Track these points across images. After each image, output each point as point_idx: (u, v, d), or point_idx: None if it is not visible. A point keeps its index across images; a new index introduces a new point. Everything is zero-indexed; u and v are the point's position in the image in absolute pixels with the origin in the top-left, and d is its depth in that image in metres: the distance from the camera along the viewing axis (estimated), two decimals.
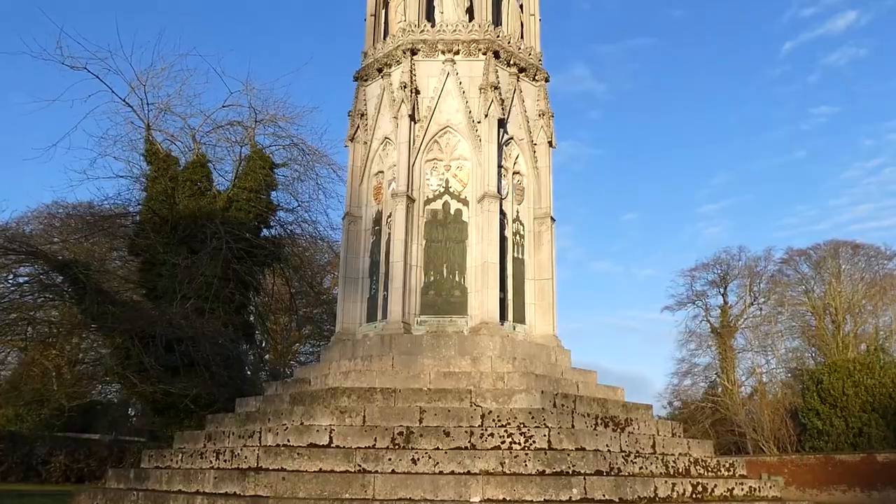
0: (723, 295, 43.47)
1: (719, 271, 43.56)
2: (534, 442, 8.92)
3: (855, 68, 74.16)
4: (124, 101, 19.60)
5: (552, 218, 12.98)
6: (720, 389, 41.73)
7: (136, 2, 65.49)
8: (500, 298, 11.99)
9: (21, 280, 16.92)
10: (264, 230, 21.61)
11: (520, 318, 12.52)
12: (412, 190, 12.17)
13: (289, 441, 9.35)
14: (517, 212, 12.90)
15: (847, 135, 73.76)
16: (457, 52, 12.54)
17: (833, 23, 74.75)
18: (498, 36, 12.83)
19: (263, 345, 29.61)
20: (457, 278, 12.11)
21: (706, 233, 72.03)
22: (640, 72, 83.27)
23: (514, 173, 12.96)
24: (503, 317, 12.07)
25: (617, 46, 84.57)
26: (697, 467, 10.16)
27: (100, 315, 16.62)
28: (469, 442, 8.96)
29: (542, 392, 10.05)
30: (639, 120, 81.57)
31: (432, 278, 12.14)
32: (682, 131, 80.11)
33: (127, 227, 20.46)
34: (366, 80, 13.35)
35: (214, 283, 18.49)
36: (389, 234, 12.29)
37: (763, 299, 43.14)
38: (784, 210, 71.17)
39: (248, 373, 23.60)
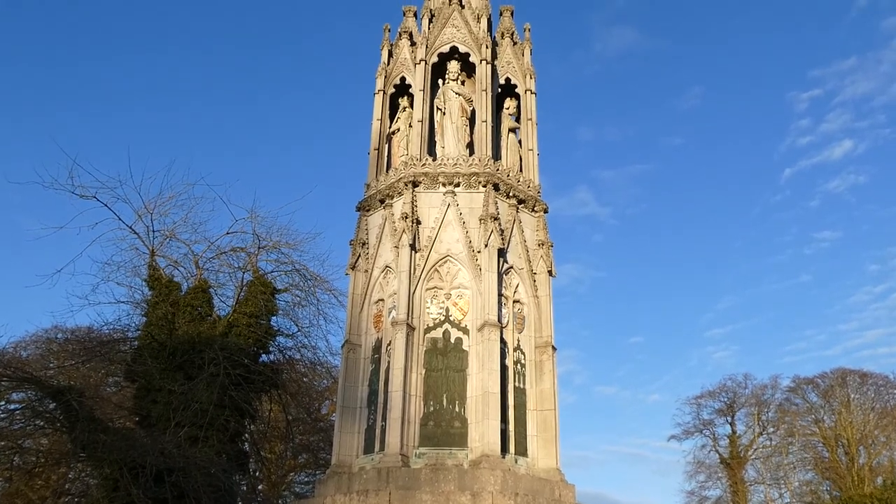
0: (731, 424, 42.45)
1: (726, 399, 42.77)
2: None
3: (855, 194, 76.25)
4: (131, 228, 19.93)
5: (553, 347, 12.90)
6: None
7: (149, 134, 68.33)
8: (502, 430, 11.71)
9: (13, 407, 16.56)
10: (263, 356, 21.37)
11: (522, 450, 12.17)
12: (412, 318, 12.16)
13: None
14: (518, 340, 12.83)
15: (852, 260, 74.74)
16: (457, 185, 12.92)
17: (831, 151, 77.55)
18: (497, 169, 13.26)
19: (257, 474, 28.61)
20: (457, 409, 11.87)
21: (714, 357, 71.29)
22: (642, 196, 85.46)
23: (514, 302, 13.00)
24: (504, 449, 11.73)
25: (619, 172, 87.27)
26: None
27: (90, 444, 16.13)
28: None
29: None
30: (642, 243, 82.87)
31: (432, 408, 11.90)
32: (686, 255, 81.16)
33: (124, 353, 20.26)
34: (368, 211, 13.67)
35: (210, 411, 18.08)
36: (389, 362, 12.17)
37: (772, 429, 42.07)
38: (793, 335, 70.80)
39: None
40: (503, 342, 12.36)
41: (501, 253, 12.72)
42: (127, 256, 20.64)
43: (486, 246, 12.44)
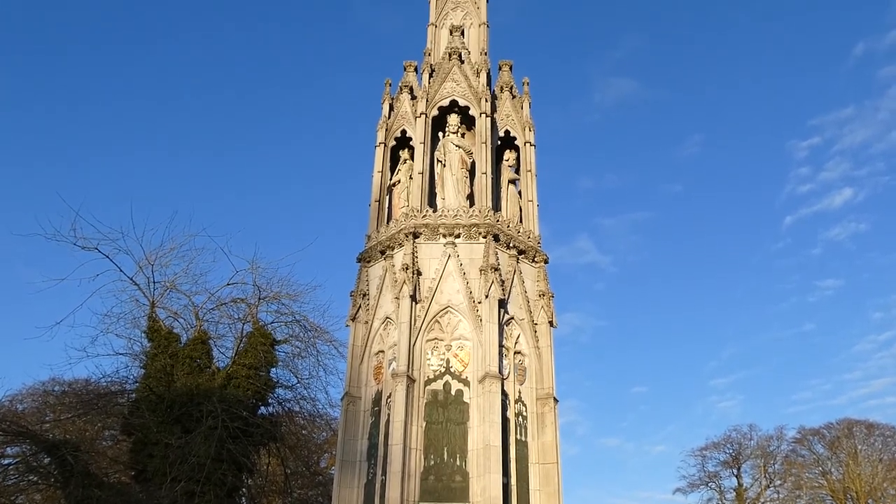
0: (737, 476, 41.78)
1: (731, 451, 42.19)
2: None
3: (856, 242, 76.52)
4: (131, 279, 19.91)
5: (555, 398, 12.78)
6: None
7: (152, 186, 68.92)
8: (504, 484, 11.51)
9: (6, 462, 16.32)
10: (262, 408, 21.13)
11: None
12: (413, 370, 12.07)
13: None
14: (519, 392, 12.71)
15: (855, 308, 74.56)
16: (458, 236, 12.98)
17: (831, 199, 78.12)
18: (497, 220, 13.33)
19: None
20: (458, 462, 11.69)
21: (719, 407, 70.45)
22: (642, 244, 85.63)
23: (515, 353, 12.92)
24: None
25: (619, 220, 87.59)
26: None
27: (84, 499, 15.85)
28: None
29: None
30: (644, 292, 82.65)
31: (432, 462, 11.72)
32: (688, 303, 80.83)
33: (121, 406, 20.04)
34: (368, 262, 13.70)
35: (207, 465, 17.79)
36: (389, 415, 12.04)
37: (779, 481, 41.38)
38: (798, 384, 70.13)
39: None
40: (504, 394, 12.23)
41: (502, 304, 12.70)
42: (127, 308, 20.57)
43: (486, 297, 12.42)
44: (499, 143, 14.69)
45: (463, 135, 14.39)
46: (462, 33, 15.51)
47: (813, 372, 71.45)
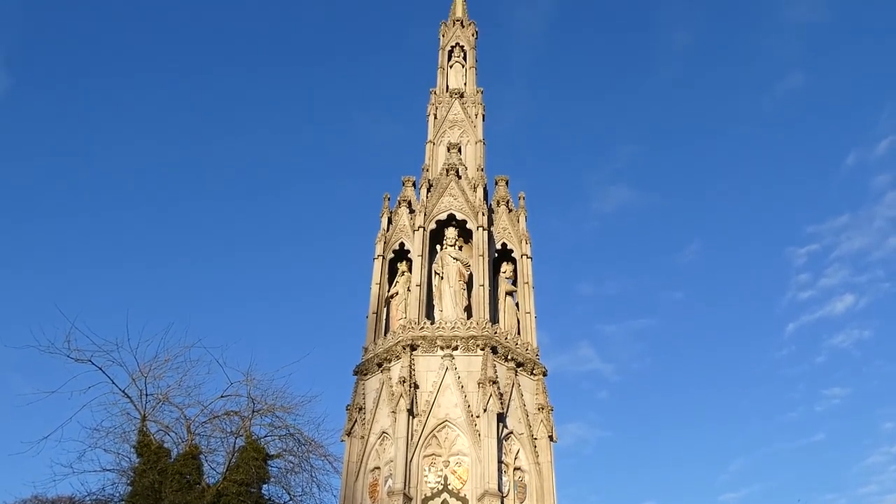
0: None
1: None
2: None
3: (861, 349, 76.05)
4: (124, 392, 19.55)
5: None
6: None
7: (149, 300, 68.87)
8: None
9: None
10: None
11: None
12: (409, 488, 11.71)
13: None
14: None
15: (865, 418, 73.14)
16: (455, 348, 12.91)
17: (832, 305, 78.16)
18: (495, 332, 13.31)
19: None
20: None
21: None
22: (645, 352, 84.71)
23: (514, 469, 12.57)
24: None
25: (621, 327, 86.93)
26: None
27: None
28: None
29: None
30: (648, 401, 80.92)
31: None
32: (694, 413, 79.11)
33: None
34: (365, 375, 13.55)
35: None
36: None
37: None
38: (813, 499, 67.57)
39: None
40: None
41: (501, 418, 12.46)
42: (117, 421, 20.09)
43: (485, 410, 12.22)
44: (496, 255, 14.87)
45: (460, 248, 14.60)
46: (459, 150, 16.02)
47: (826, 486, 69.10)
